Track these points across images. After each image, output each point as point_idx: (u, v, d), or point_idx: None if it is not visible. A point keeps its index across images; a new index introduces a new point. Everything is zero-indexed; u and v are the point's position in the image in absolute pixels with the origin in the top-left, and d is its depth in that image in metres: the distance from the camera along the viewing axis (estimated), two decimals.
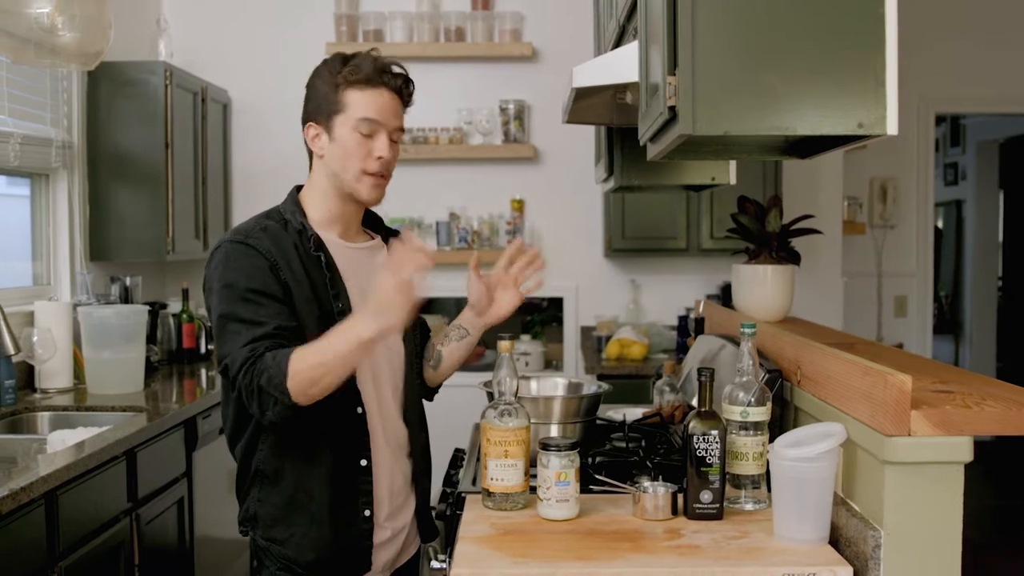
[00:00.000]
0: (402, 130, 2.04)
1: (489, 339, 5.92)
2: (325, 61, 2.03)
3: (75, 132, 4.08)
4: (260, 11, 5.04)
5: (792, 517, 1.73)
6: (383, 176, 2.01)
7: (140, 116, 4.19)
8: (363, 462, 2.00)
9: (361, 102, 1.96)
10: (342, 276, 2.00)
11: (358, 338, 1.79)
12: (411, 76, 2.06)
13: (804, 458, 1.70)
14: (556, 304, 5.29)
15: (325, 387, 1.82)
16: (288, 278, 1.92)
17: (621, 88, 2.54)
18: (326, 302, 1.96)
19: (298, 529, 1.97)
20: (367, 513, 2.00)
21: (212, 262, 1.96)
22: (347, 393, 1.94)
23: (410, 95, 2.05)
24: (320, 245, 2.00)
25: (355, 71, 1.96)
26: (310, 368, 1.79)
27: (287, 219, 2.01)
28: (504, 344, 2.01)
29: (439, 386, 2.30)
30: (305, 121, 2.03)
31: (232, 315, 1.88)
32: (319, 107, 2.00)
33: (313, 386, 1.81)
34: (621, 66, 2.14)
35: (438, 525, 2.23)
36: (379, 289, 1.79)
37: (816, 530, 1.72)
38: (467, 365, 5.41)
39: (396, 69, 2.02)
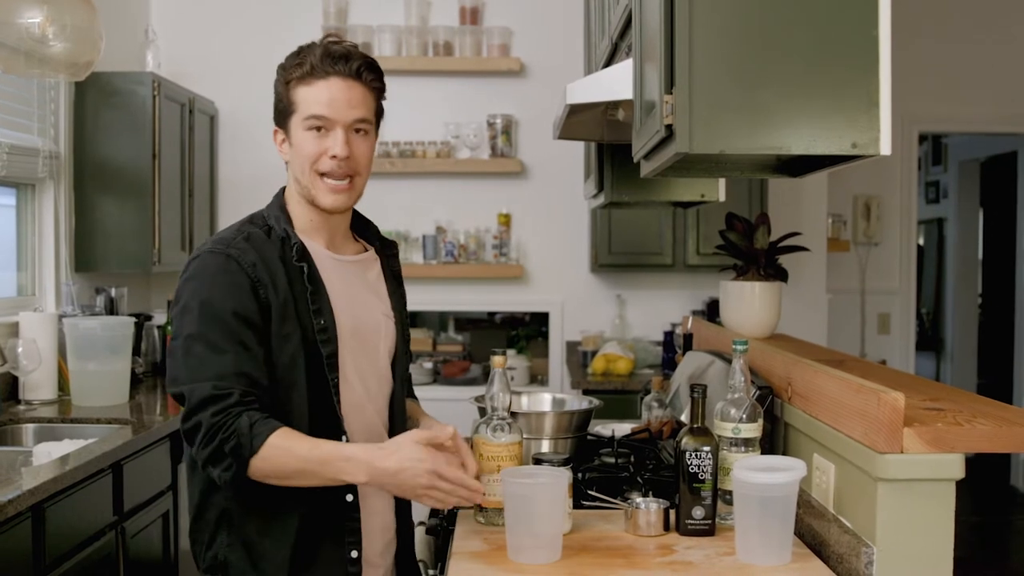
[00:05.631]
0: (370, 120, 1.85)
1: (477, 353, 5.87)
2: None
3: (62, 142, 4.06)
4: (248, 23, 5.04)
5: (756, 541, 1.73)
6: (347, 177, 1.83)
7: (127, 127, 4.17)
8: (348, 497, 1.83)
9: (309, 98, 1.81)
10: (328, 291, 1.84)
11: (350, 477, 1.69)
12: (375, 63, 1.87)
13: (774, 484, 1.70)
14: (539, 319, 5.30)
15: (286, 484, 1.72)
16: (270, 295, 1.77)
17: (612, 105, 2.56)
18: (306, 318, 1.79)
19: None
20: (354, 554, 1.84)
21: (187, 272, 1.79)
22: (330, 424, 1.81)
23: (374, 78, 1.85)
24: (304, 255, 1.83)
25: (300, 65, 1.81)
26: (285, 467, 1.67)
27: (271, 225, 1.85)
28: (498, 359, 1.97)
29: None
30: (275, 127, 1.90)
31: (202, 337, 1.71)
32: (277, 110, 1.88)
33: (278, 480, 1.70)
34: (615, 83, 2.16)
35: (429, 540, 2.22)
36: (412, 464, 1.67)
37: (780, 557, 1.73)
38: (454, 379, 5.36)
39: (349, 52, 1.82)
